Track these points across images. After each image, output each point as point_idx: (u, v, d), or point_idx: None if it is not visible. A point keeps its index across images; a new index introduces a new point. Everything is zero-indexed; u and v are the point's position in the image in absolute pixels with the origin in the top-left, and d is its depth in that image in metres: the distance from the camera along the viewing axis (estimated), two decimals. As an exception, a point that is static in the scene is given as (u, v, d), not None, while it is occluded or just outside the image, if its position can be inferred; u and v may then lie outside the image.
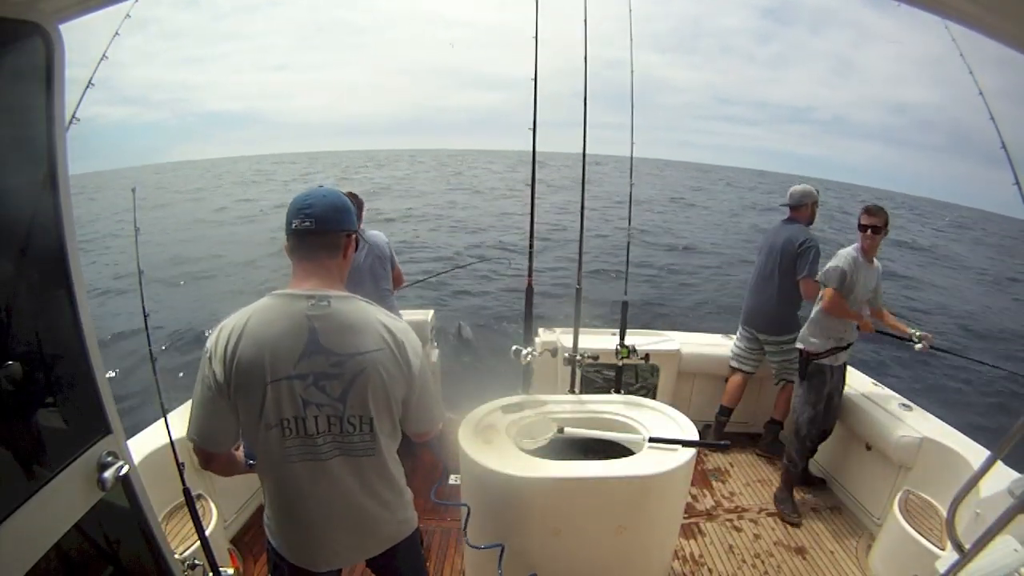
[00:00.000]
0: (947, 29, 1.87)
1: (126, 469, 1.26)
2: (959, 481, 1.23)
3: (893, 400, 2.86)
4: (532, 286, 2.54)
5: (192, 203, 25.15)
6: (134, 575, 1.46)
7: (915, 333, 2.83)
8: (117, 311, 7.47)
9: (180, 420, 1.98)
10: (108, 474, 1.20)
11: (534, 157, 2.49)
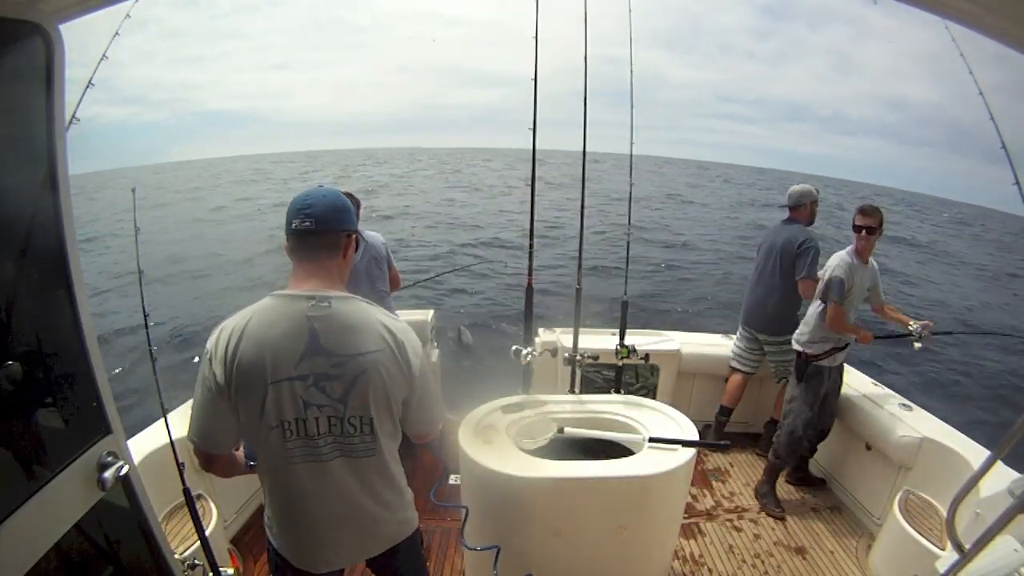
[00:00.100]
0: (947, 29, 1.86)
1: (126, 469, 1.26)
2: (959, 481, 1.23)
3: (893, 400, 2.86)
4: (532, 286, 2.53)
5: (191, 202, 25.15)
6: (134, 575, 1.46)
7: (912, 327, 2.83)
8: (117, 309, 7.48)
9: (180, 420, 1.98)
10: (108, 474, 1.20)
11: (534, 158, 2.48)
